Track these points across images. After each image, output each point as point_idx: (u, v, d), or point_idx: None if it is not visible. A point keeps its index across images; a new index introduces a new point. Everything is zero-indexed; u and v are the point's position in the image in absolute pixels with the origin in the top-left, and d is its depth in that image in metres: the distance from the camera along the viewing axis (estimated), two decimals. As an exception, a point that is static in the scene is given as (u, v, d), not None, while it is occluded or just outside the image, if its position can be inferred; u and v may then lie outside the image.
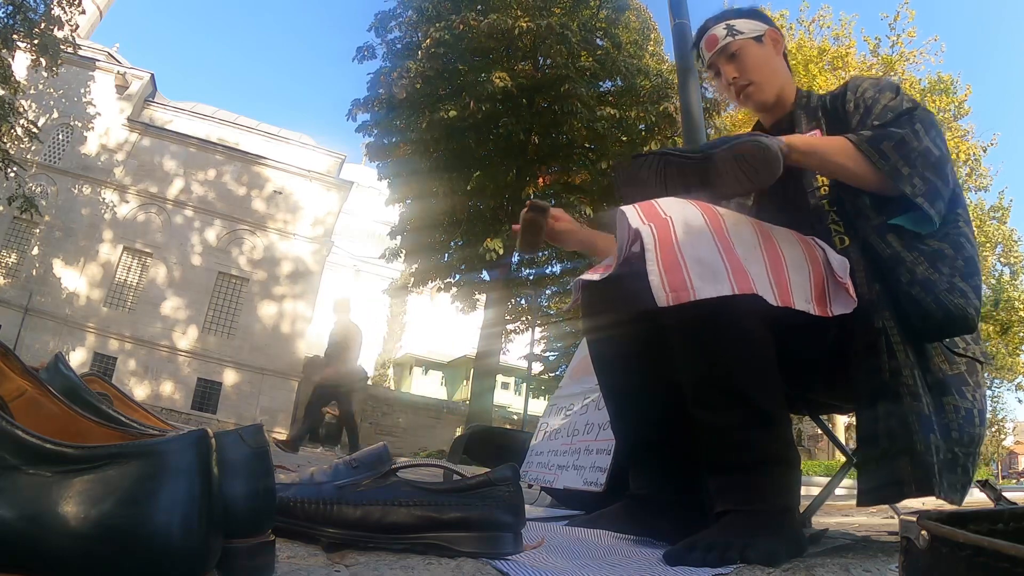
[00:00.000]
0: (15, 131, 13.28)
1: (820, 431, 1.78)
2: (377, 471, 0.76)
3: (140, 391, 17.88)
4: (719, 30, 1.24)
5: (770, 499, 0.89)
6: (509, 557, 0.76)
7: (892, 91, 1.11)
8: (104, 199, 19.62)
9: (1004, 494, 1.91)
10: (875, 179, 1.01)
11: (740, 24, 1.23)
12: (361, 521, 0.72)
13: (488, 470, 0.79)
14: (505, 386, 28.33)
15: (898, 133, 1.00)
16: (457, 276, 14.46)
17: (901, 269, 0.97)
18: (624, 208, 0.94)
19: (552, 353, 19.82)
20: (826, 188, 1.11)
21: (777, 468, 0.90)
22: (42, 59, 12.77)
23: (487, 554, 0.74)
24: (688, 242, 0.87)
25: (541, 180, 12.70)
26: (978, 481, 1.74)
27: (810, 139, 1.06)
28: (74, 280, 18.84)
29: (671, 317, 0.89)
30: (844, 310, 0.96)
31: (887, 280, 0.99)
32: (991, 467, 26.09)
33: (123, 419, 0.54)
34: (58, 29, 12.85)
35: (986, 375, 1.06)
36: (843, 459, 1.48)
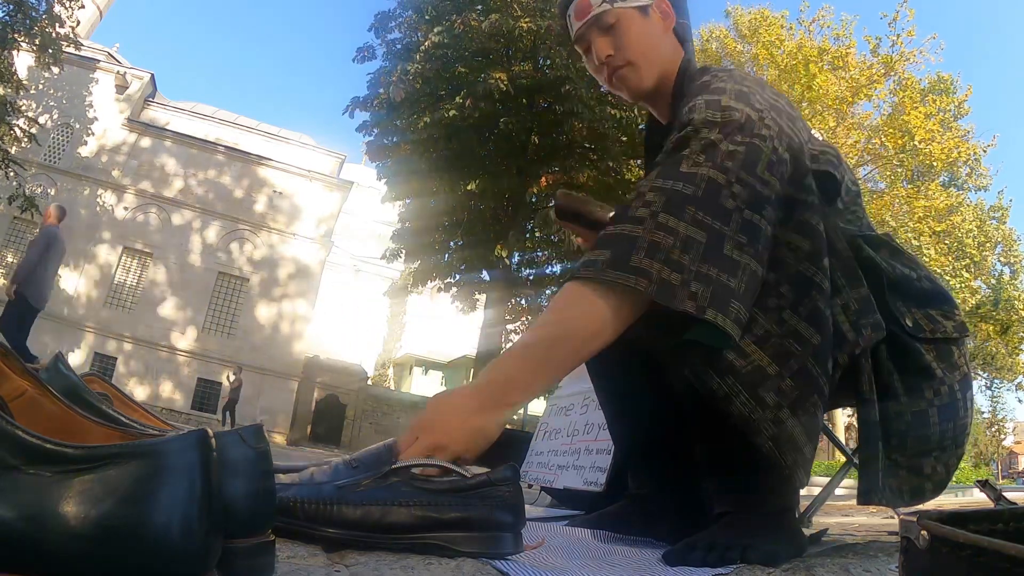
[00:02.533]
0: (15, 131, 13.29)
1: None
2: (377, 471, 0.76)
3: (140, 391, 17.90)
4: None
5: (770, 500, 0.89)
6: (509, 557, 0.76)
7: (680, 127, 0.84)
8: (104, 199, 19.65)
9: (1004, 494, 1.91)
10: (641, 308, 0.77)
11: None
12: (361, 521, 0.72)
13: (488, 470, 0.79)
14: (505, 386, 28.27)
15: (637, 235, 0.74)
16: (457, 276, 14.46)
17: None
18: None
19: (552, 353, 19.79)
20: None
21: (777, 468, 0.90)
22: (43, 58, 12.77)
23: (487, 554, 0.74)
24: None
25: (544, 180, 12.69)
26: (978, 481, 1.74)
27: (529, 361, 0.79)
28: (74, 280, 18.85)
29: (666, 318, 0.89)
30: None
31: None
32: (991, 467, 26.08)
33: (123, 419, 0.54)
34: (59, 26, 12.86)
35: (985, 375, 1.01)
36: (843, 459, 1.48)
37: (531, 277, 14.97)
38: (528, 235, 13.88)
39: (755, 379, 0.76)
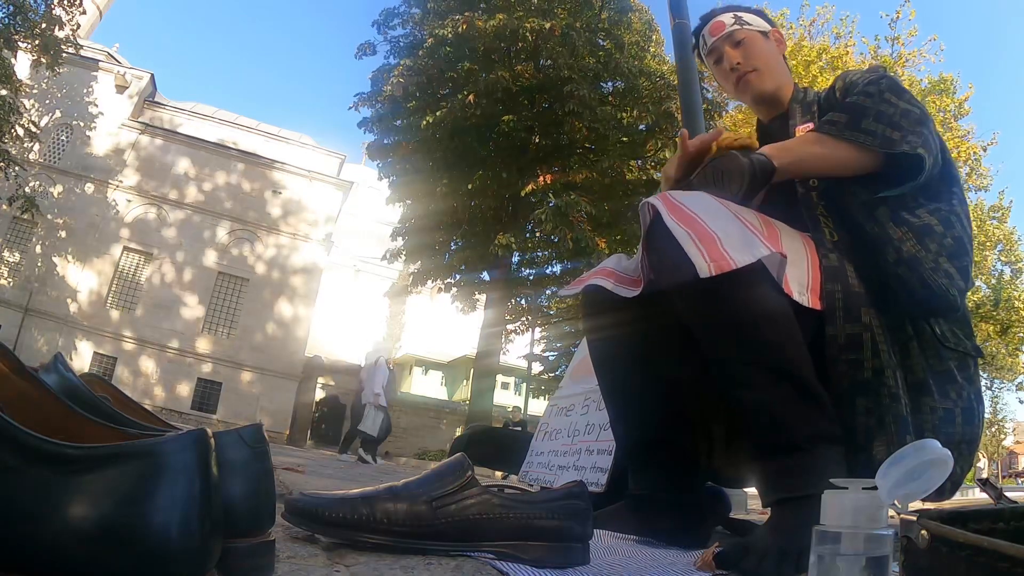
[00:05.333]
0: (15, 131, 13.29)
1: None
2: (461, 482, 0.76)
3: (140, 391, 17.90)
4: (727, 18, 1.26)
5: (824, 482, 0.87)
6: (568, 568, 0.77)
7: (873, 72, 1.13)
8: (104, 199, 19.66)
9: (1004, 493, 1.90)
10: (865, 160, 1.00)
11: (747, 17, 1.27)
12: (459, 532, 0.74)
13: (503, 473, 0.80)
14: (505, 386, 28.32)
15: (871, 107, 1.00)
16: (457, 276, 14.45)
17: (888, 248, 0.97)
18: (647, 200, 0.96)
19: (552, 353, 19.82)
20: (814, 180, 1.11)
21: (827, 445, 0.87)
22: (43, 59, 12.78)
23: (558, 564, 0.75)
24: (712, 220, 0.89)
25: (542, 179, 12.70)
26: (979, 480, 1.73)
27: (786, 144, 1.05)
28: (74, 280, 18.86)
29: (701, 303, 0.89)
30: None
31: (874, 262, 0.98)
32: (991, 467, 26.07)
33: (123, 419, 0.54)
34: (59, 28, 12.86)
35: (985, 375, 1.03)
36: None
37: (531, 277, 14.96)
38: (528, 235, 13.88)
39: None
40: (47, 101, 19.20)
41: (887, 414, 0.90)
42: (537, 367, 19.40)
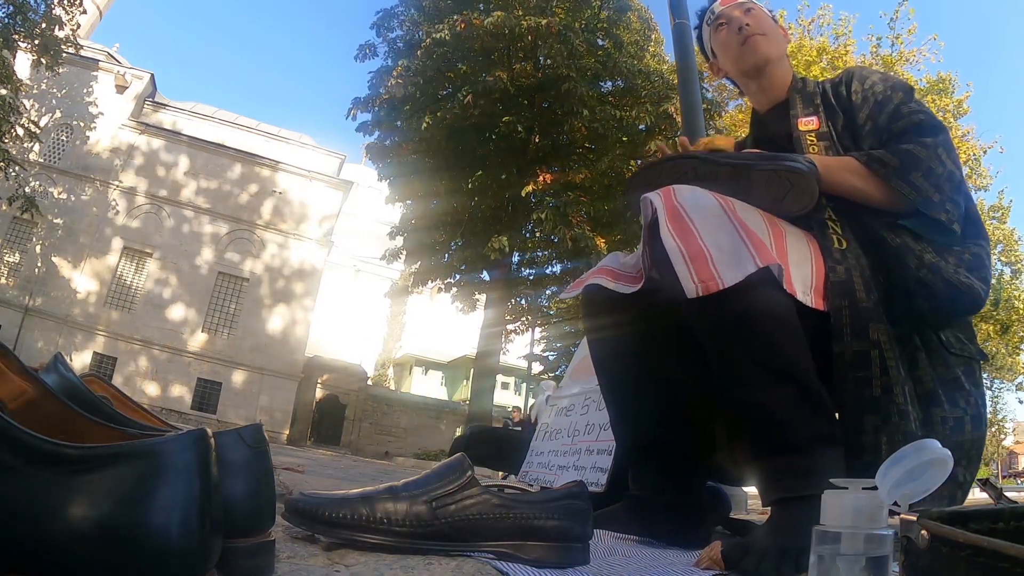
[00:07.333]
0: (15, 131, 13.28)
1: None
2: (461, 482, 0.76)
3: (140, 392, 17.89)
4: None
5: (823, 482, 0.86)
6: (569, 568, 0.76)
7: (904, 91, 1.12)
8: (105, 199, 19.64)
9: (1005, 493, 1.90)
10: (899, 206, 1.02)
11: (757, 2, 1.33)
12: (458, 532, 0.74)
13: (504, 475, 0.80)
14: (505, 386, 28.33)
15: (924, 161, 1.01)
16: (457, 276, 14.45)
17: (910, 256, 0.98)
18: (648, 195, 0.96)
19: (552, 353, 19.83)
20: None
21: (826, 446, 0.87)
22: (43, 59, 12.76)
23: (558, 564, 0.75)
24: (707, 231, 0.88)
25: (542, 179, 12.70)
26: (979, 480, 1.73)
27: (829, 163, 1.05)
28: (75, 280, 18.84)
29: (702, 302, 0.88)
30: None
31: (891, 270, 0.98)
32: (991, 467, 26.08)
33: (123, 419, 0.54)
34: (59, 28, 12.85)
35: (985, 375, 1.04)
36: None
37: (531, 277, 14.96)
38: (528, 235, 13.87)
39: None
40: (47, 101, 19.18)
41: (896, 432, 0.89)
42: (537, 367, 19.41)
